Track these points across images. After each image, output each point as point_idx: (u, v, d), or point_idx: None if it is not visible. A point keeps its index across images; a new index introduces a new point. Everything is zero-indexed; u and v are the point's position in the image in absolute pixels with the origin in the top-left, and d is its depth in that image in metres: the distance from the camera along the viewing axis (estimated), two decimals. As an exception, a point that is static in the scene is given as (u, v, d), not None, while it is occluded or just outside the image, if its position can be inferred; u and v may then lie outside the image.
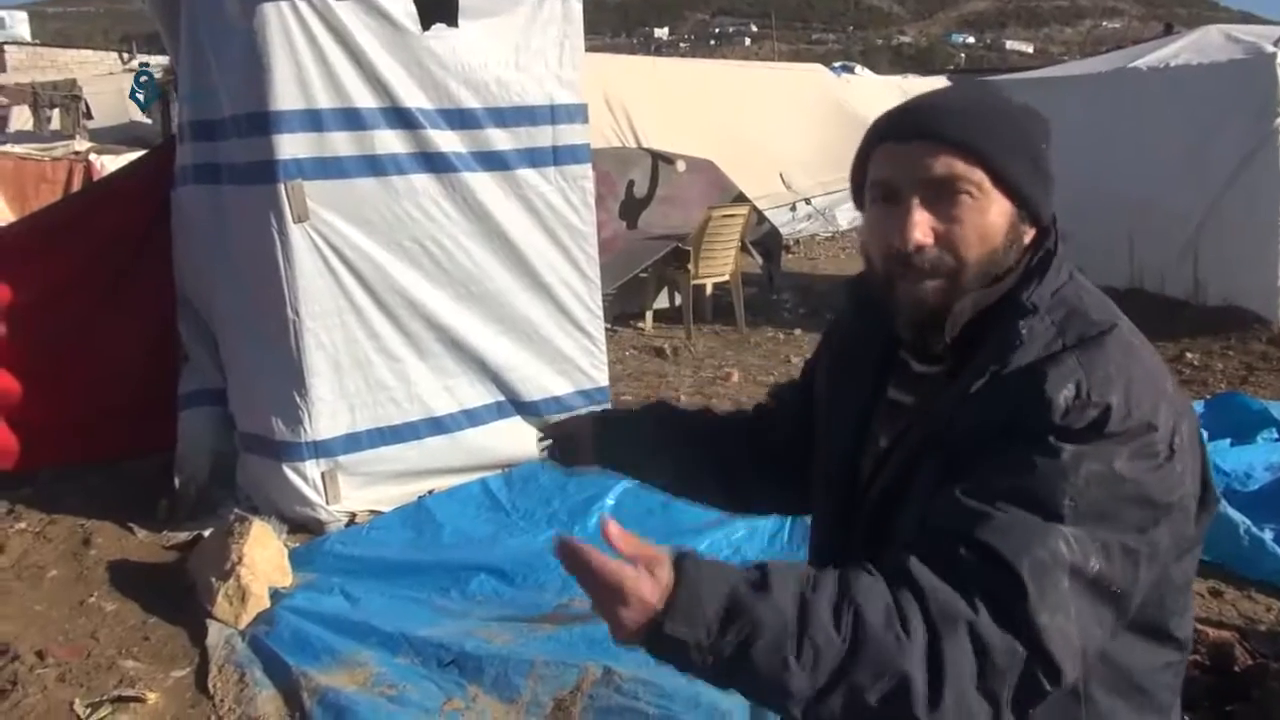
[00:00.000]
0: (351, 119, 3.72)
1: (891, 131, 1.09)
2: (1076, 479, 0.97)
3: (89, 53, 26.47)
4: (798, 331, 7.09)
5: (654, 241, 7.05)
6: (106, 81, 17.79)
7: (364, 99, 3.73)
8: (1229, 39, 6.98)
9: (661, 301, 7.53)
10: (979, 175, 1.05)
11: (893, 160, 1.08)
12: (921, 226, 1.04)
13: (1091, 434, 0.99)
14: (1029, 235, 1.11)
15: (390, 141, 3.80)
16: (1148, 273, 6.57)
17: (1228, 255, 6.36)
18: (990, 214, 1.06)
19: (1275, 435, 4.55)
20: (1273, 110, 6.05)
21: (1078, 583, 0.96)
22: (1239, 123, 6.21)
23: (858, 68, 19.79)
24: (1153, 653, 1.13)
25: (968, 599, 0.94)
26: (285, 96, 3.57)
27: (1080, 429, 0.99)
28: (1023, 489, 0.98)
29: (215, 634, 3.12)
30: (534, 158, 4.12)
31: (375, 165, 3.78)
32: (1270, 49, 6.35)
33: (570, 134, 4.19)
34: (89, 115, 15.41)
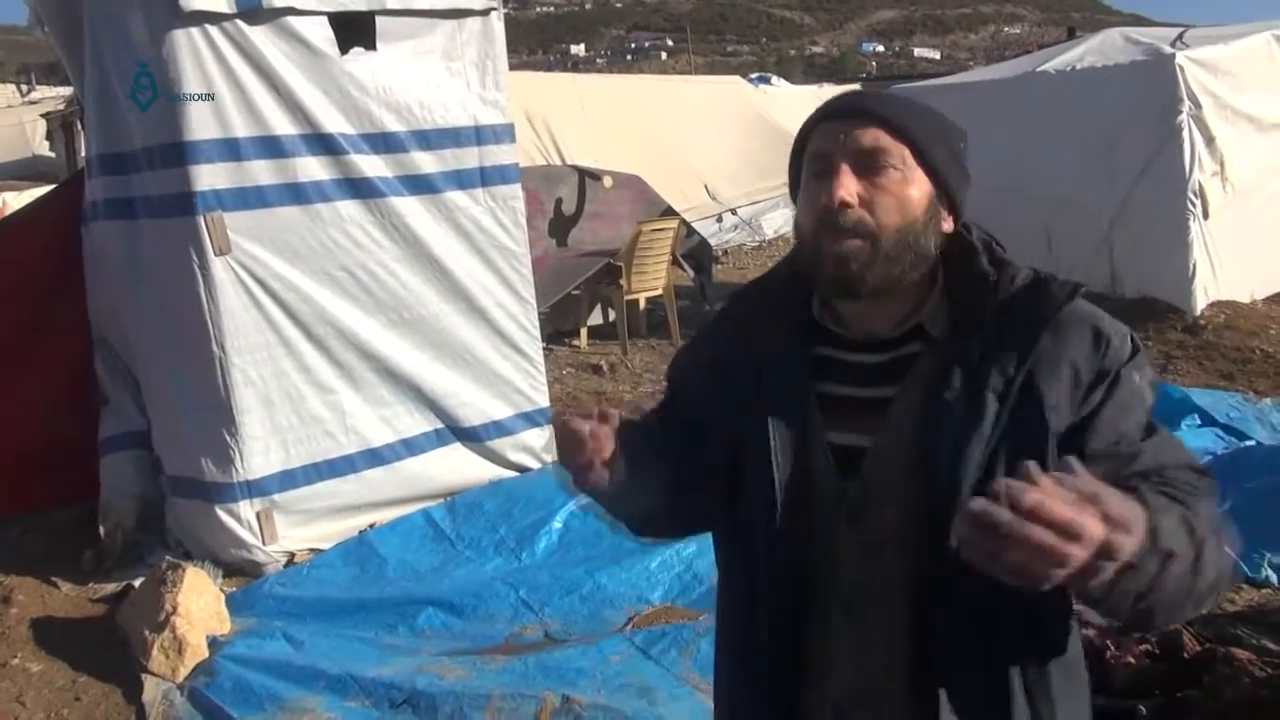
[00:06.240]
0: (271, 147, 3.61)
1: (831, 112, 1.20)
2: (1147, 396, 1.14)
3: (-15, 86, 25.53)
4: (732, 342, 7.10)
5: (585, 258, 7.02)
6: (5, 115, 17.15)
7: (283, 126, 3.63)
8: (1129, 41, 7.23)
9: (595, 318, 7.49)
10: (903, 151, 1.15)
11: (829, 135, 1.18)
12: (848, 187, 1.14)
13: (1136, 354, 1.15)
14: (948, 222, 1.20)
15: (313, 168, 3.70)
16: (1065, 268, 6.71)
17: (1141, 248, 6.56)
18: (911, 188, 1.16)
19: (1198, 422, 4.70)
20: (1175, 107, 6.28)
21: None
22: (1145, 120, 6.43)
23: (774, 78, 20.10)
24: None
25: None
26: (200, 126, 3.46)
27: (1130, 353, 1.14)
28: (1136, 424, 1.12)
29: (152, 689, 2.98)
30: (461, 179, 4.06)
31: (298, 193, 3.68)
32: (1169, 49, 6.60)
33: (497, 154, 4.15)
34: (-13, 151, 14.84)
